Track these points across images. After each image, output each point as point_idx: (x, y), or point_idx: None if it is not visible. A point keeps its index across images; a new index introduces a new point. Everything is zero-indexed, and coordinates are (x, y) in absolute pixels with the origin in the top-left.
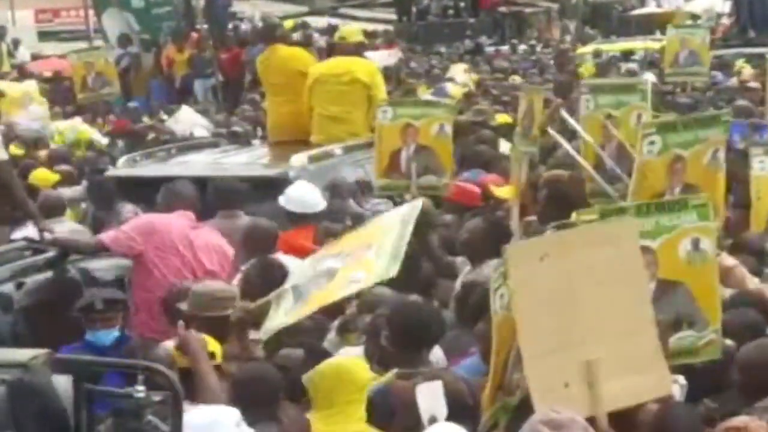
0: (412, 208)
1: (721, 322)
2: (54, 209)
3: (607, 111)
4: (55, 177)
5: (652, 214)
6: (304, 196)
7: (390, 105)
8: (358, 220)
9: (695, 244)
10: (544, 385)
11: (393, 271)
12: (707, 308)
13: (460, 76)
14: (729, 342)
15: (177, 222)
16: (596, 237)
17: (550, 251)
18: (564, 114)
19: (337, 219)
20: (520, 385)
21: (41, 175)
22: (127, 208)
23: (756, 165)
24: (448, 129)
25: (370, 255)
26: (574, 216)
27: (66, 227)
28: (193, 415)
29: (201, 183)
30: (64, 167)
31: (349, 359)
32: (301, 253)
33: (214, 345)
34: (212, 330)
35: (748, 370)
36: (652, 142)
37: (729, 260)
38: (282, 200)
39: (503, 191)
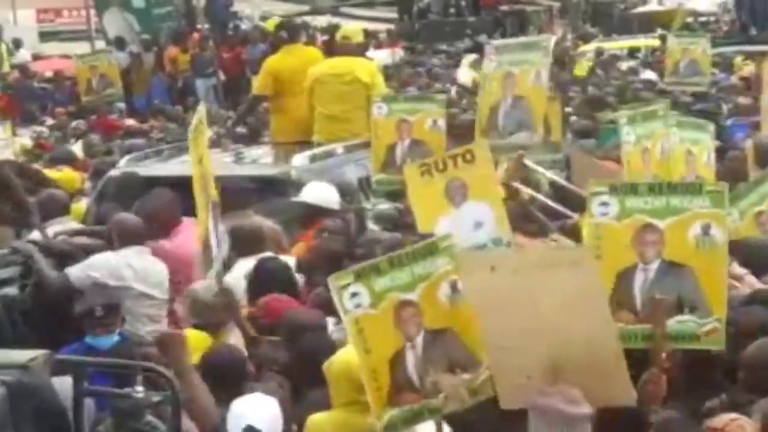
0: None
1: (738, 320)
2: (57, 209)
3: (508, 69)
4: (78, 181)
5: (664, 194)
6: (324, 191)
7: (384, 101)
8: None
9: (705, 229)
10: (508, 375)
11: None
12: (712, 296)
13: (464, 76)
14: None
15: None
16: (551, 260)
17: (500, 265)
18: (527, 162)
19: (338, 219)
20: (444, 387)
21: (64, 176)
22: None
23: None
24: (441, 123)
25: None
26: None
27: (68, 227)
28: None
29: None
30: (65, 168)
31: None
32: None
33: (203, 342)
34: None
35: (750, 368)
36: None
37: (739, 269)
38: (304, 196)
39: None
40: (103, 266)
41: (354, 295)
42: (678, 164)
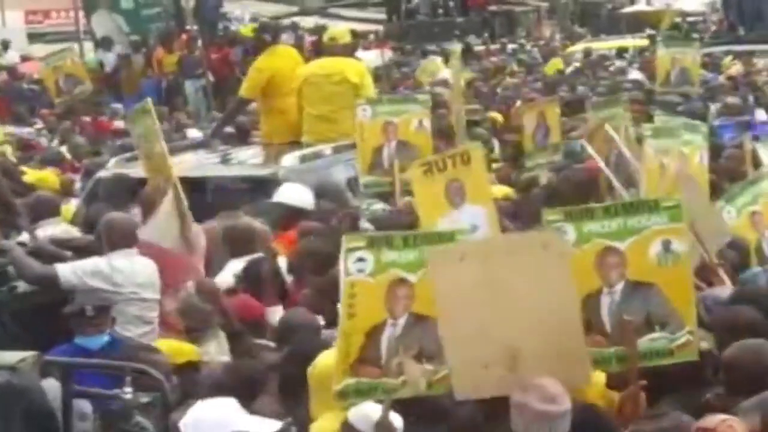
0: None
1: (723, 320)
2: (47, 210)
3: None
4: (55, 183)
5: (620, 215)
6: (299, 192)
7: (369, 103)
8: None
9: (666, 245)
10: (464, 365)
11: None
12: (681, 309)
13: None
14: (705, 344)
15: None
16: (520, 245)
17: (470, 253)
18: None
19: (323, 219)
20: (407, 371)
21: (42, 177)
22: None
23: None
24: (427, 123)
25: None
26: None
27: (59, 229)
28: (199, 410)
29: (193, 183)
30: (53, 169)
31: None
32: None
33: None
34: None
35: (730, 369)
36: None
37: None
38: (278, 196)
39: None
40: (92, 271)
41: (360, 260)
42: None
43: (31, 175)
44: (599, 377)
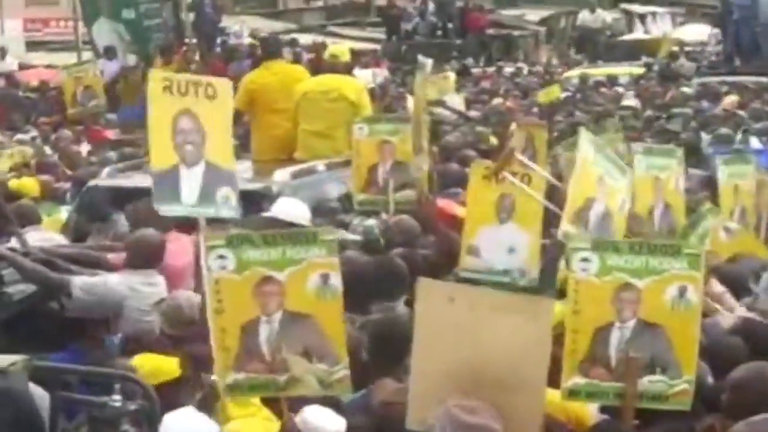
0: None
1: (727, 346)
2: (28, 219)
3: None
4: (35, 188)
5: (644, 254)
6: (294, 207)
7: (365, 122)
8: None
9: (682, 291)
10: (423, 398)
11: None
12: (683, 357)
13: (452, 100)
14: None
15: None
16: (508, 305)
17: (459, 297)
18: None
19: None
20: (292, 368)
21: (23, 184)
22: (122, 220)
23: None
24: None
25: None
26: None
27: (43, 236)
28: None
29: None
30: (47, 177)
31: None
32: None
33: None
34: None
35: (736, 389)
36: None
37: (718, 286)
38: (274, 211)
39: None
40: (106, 292)
41: (221, 257)
42: (646, 192)
43: (12, 182)
44: (553, 396)
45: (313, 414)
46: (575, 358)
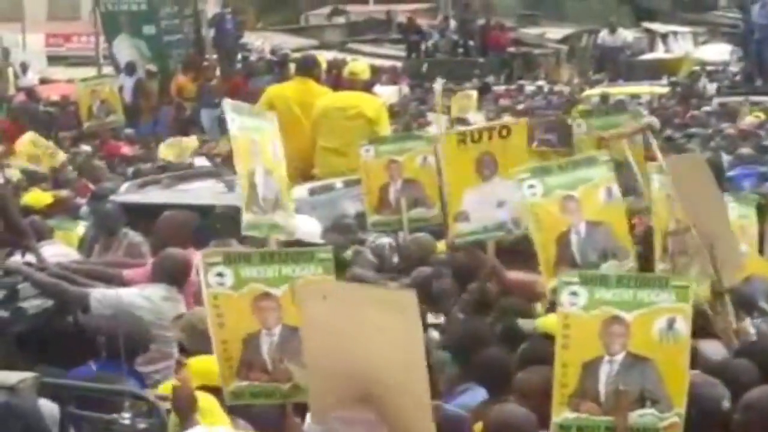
0: None
1: (731, 368)
2: (40, 234)
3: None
4: (48, 199)
5: (632, 287)
6: (305, 223)
7: (371, 143)
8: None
9: (670, 323)
10: (321, 395)
11: None
12: (673, 390)
13: (474, 117)
14: None
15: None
16: (373, 299)
17: (331, 294)
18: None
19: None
20: (295, 376)
21: (35, 197)
22: (132, 234)
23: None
24: (431, 160)
25: None
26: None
27: (57, 250)
28: None
29: (202, 211)
30: (65, 192)
31: None
32: None
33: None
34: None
35: (748, 409)
36: (531, 186)
37: (751, 328)
38: None
39: None
40: (121, 303)
41: (219, 274)
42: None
43: (24, 196)
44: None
45: None
46: (565, 392)
